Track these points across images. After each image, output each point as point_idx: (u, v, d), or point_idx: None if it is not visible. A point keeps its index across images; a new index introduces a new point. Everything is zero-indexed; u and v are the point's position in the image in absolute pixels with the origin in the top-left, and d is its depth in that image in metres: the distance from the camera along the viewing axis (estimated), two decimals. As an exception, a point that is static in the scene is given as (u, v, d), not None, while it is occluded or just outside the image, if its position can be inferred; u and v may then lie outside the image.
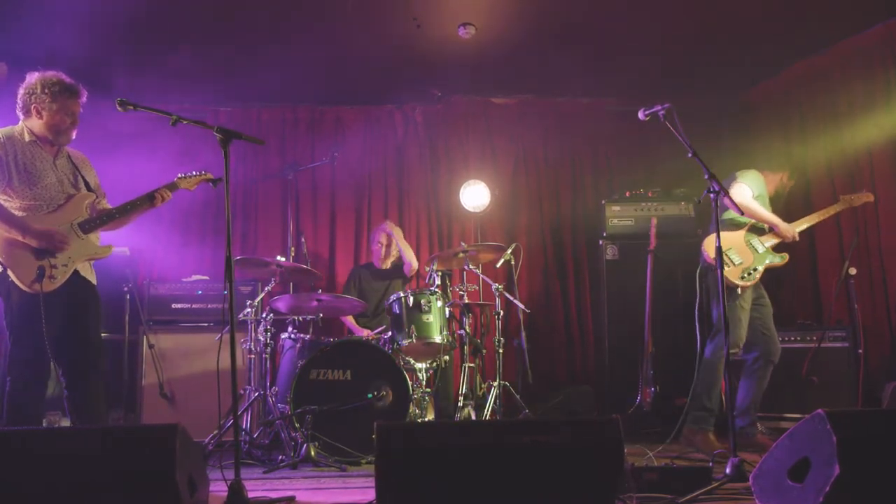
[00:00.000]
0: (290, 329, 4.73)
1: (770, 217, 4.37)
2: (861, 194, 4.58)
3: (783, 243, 4.39)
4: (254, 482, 3.42)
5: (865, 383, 4.67)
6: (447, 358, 4.70)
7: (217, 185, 3.33)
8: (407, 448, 2.41)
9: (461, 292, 4.99)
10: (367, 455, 3.98)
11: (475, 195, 5.96)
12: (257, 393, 4.58)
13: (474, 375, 5.16)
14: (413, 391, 4.31)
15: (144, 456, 2.35)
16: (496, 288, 4.91)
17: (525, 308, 5.16)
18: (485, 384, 5.12)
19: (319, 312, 4.70)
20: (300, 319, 4.82)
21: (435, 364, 4.68)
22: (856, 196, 4.56)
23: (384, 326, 5.03)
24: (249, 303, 4.77)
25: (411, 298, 4.50)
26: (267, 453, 4.32)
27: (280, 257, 4.71)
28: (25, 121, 3.42)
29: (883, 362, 4.85)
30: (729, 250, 4.24)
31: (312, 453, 3.91)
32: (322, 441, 4.01)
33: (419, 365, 4.64)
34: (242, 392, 4.66)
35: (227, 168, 2.95)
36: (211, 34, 5.08)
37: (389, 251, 5.54)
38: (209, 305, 5.30)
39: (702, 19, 4.98)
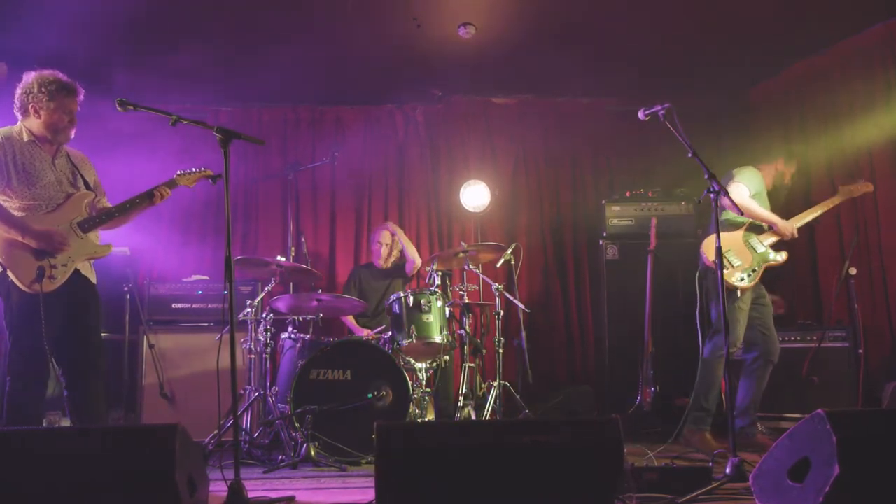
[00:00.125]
0: (290, 329, 4.73)
1: (768, 215, 4.34)
2: (860, 184, 4.50)
3: (782, 241, 4.36)
4: (254, 482, 3.42)
5: (865, 383, 4.67)
6: (447, 358, 4.70)
7: (216, 182, 3.32)
8: (407, 448, 2.41)
9: (461, 292, 4.99)
10: (367, 455, 3.98)
11: (475, 195, 5.96)
12: (257, 393, 4.58)
13: (474, 375, 5.16)
14: (413, 391, 4.31)
15: (144, 456, 2.35)
16: (496, 288, 4.91)
17: (525, 308, 5.16)
18: (485, 384, 5.12)
19: (319, 312, 4.70)
20: (300, 319, 4.82)
21: (435, 364, 4.68)
22: (854, 186, 4.49)
23: (384, 326, 5.03)
24: (249, 303, 4.77)
25: (411, 298, 4.50)
26: (267, 453, 4.32)
27: (280, 257, 4.72)
28: (24, 121, 3.42)
29: (883, 362, 4.84)
30: (727, 252, 4.19)
31: (312, 453, 3.91)
32: (322, 441, 4.01)
33: (419, 365, 4.64)
34: (242, 392, 4.66)
35: (227, 168, 2.95)
36: (211, 34, 5.08)
37: (392, 251, 5.53)
38: (209, 305, 5.30)
39: (702, 19, 4.98)
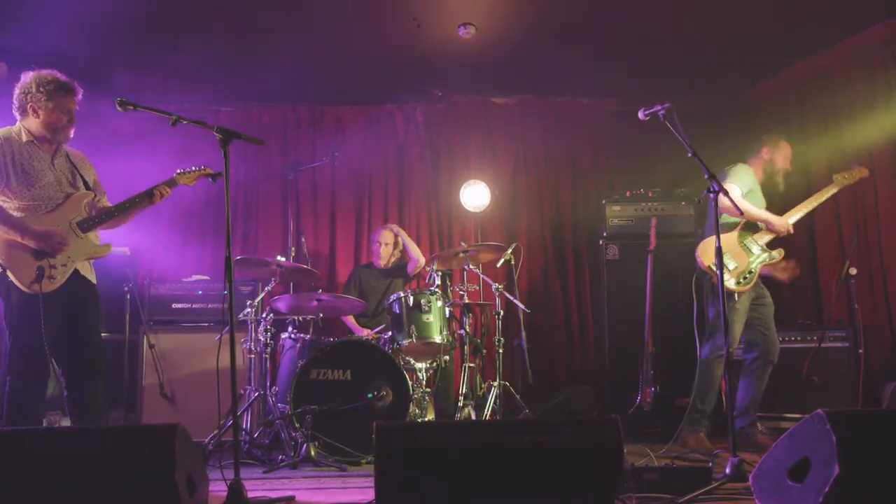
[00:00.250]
0: (291, 329, 4.73)
1: (762, 214, 4.32)
2: (855, 170, 4.40)
3: (778, 238, 4.34)
4: (254, 482, 3.42)
5: (865, 383, 4.67)
6: (447, 358, 4.70)
7: (216, 181, 3.31)
8: (407, 448, 2.41)
9: (461, 292, 4.99)
10: (367, 455, 3.98)
11: (475, 195, 5.96)
12: (257, 393, 4.58)
13: (474, 375, 5.16)
14: (413, 391, 4.30)
15: (144, 456, 2.35)
16: (496, 288, 4.91)
17: (525, 308, 5.16)
18: (485, 384, 5.11)
19: (319, 312, 4.69)
20: (300, 319, 4.82)
21: (435, 364, 4.68)
22: (849, 173, 4.39)
23: (384, 326, 5.02)
24: (249, 303, 4.77)
25: (411, 298, 4.50)
26: (267, 453, 4.32)
27: (280, 257, 4.72)
28: (22, 121, 3.41)
29: (883, 362, 4.84)
30: (723, 255, 4.18)
31: (312, 453, 3.91)
32: (322, 441, 4.01)
33: (419, 365, 4.64)
34: (242, 392, 4.66)
35: (227, 168, 2.95)
36: (211, 34, 5.08)
37: (394, 250, 5.53)
38: (209, 305, 5.30)
39: (702, 19, 4.98)
